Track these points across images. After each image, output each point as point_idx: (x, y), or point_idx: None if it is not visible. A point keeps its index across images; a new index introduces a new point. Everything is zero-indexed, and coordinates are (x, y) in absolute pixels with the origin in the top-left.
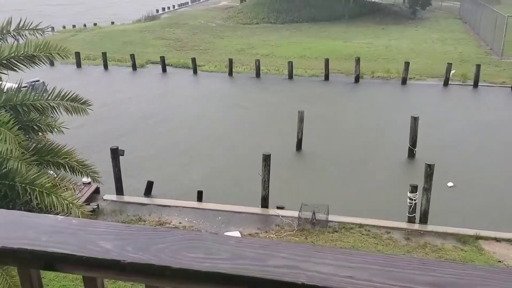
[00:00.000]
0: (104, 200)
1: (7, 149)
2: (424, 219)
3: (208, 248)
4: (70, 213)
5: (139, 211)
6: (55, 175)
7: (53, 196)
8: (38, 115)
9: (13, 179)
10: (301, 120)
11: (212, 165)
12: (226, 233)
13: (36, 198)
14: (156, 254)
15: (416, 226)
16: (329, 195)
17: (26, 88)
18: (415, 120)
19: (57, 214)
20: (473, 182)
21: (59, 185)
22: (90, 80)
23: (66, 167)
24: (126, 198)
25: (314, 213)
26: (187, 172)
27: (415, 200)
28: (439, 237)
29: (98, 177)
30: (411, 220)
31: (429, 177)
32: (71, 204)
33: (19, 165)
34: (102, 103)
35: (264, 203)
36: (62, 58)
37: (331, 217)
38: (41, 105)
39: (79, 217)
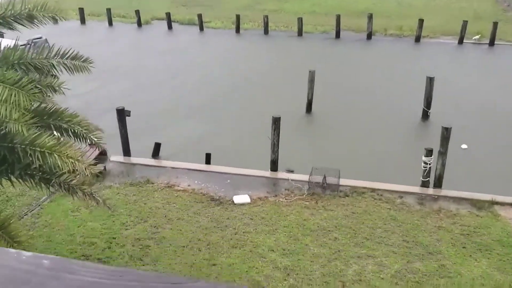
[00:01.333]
0: (111, 161)
1: (6, 109)
2: (438, 184)
3: None
4: (78, 174)
5: (147, 173)
6: (59, 136)
7: (55, 156)
8: (38, 75)
9: (11, 141)
10: (311, 80)
11: (219, 128)
12: (235, 197)
13: (38, 159)
14: None
15: (430, 191)
16: (341, 159)
17: (24, 46)
18: (430, 80)
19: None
20: (489, 145)
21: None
22: (94, 37)
23: (69, 131)
24: (133, 159)
25: (325, 177)
26: (194, 134)
27: (430, 164)
28: (454, 202)
29: (103, 143)
30: (425, 184)
31: (445, 141)
32: (76, 162)
33: (19, 127)
34: (105, 62)
35: (274, 167)
36: (60, 19)
37: (342, 181)
38: (41, 64)
39: (88, 176)
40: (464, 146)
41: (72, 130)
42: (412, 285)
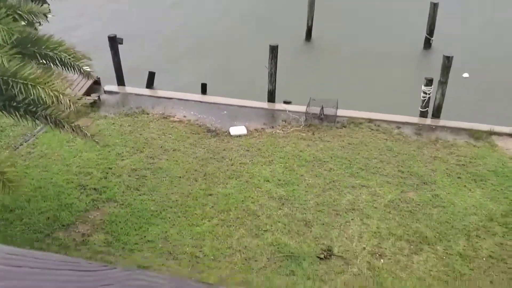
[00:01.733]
0: (105, 92)
1: None
2: (437, 114)
3: None
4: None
5: (142, 103)
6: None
7: (38, 88)
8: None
9: None
10: (311, 3)
11: (215, 58)
12: (232, 128)
13: (21, 91)
14: None
15: (428, 121)
16: (339, 89)
17: None
18: (434, 6)
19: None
20: (490, 76)
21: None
22: None
23: (56, 60)
24: (128, 89)
25: (322, 108)
26: (189, 64)
27: (429, 94)
28: (452, 133)
29: (92, 71)
30: (423, 114)
31: (446, 70)
32: (61, 95)
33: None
34: None
35: (271, 98)
36: None
37: (340, 112)
38: None
39: (73, 110)
40: (465, 75)
41: (59, 59)
42: (405, 215)
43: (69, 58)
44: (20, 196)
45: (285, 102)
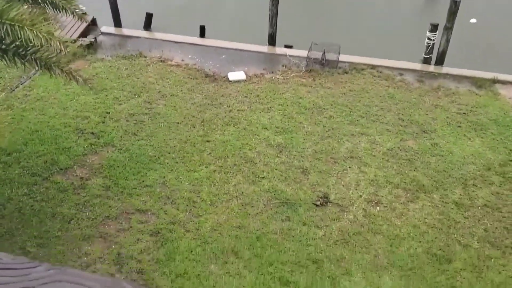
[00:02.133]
0: (102, 33)
1: None
2: (440, 61)
3: None
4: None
5: (139, 45)
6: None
7: (26, 30)
8: None
9: None
10: None
11: (215, 0)
12: (230, 73)
13: (8, 34)
14: None
15: (431, 68)
16: (341, 34)
17: None
18: None
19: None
20: (498, 22)
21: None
22: None
23: (47, 2)
24: (125, 31)
25: (324, 53)
26: (188, 5)
27: (433, 40)
28: (454, 80)
29: (83, 13)
30: (426, 61)
31: (453, 15)
32: (50, 37)
33: None
34: None
35: (271, 41)
36: None
37: (342, 57)
38: None
39: (64, 53)
40: (473, 20)
41: (50, 1)
42: (403, 163)
43: (61, 1)
44: (18, 139)
45: (286, 46)
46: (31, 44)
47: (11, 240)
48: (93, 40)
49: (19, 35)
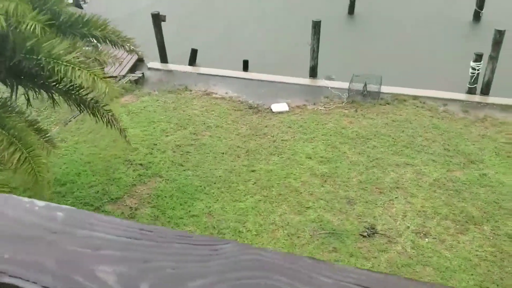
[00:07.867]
0: (149, 68)
1: (17, 5)
2: (486, 91)
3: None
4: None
5: (185, 80)
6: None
7: (78, 71)
8: None
9: (38, 53)
10: None
11: (257, 34)
12: (273, 105)
13: (57, 73)
14: None
15: (477, 98)
16: (383, 65)
17: None
18: None
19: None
20: None
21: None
22: None
23: (103, 39)
24: (170, 66)
25: (365, 84)
26: (231, 41)
27: (478, 70)
28: (501, 110)
29: (138, 49)
30: (471, 91)
31: (497, 45)
32: (98, 79)
33: (36, 27)
34: None
35: (313, 74)
36: None
37: (383, 88)
38: None
39: (105, 93)
40: None
41: (109, 39)
42: (450, 194)
43: (117, 38)
44: (71, 170)
45: (328, 78)
46: (77, 84)
47: None
48: (141, 75)
49: (71, 76)
